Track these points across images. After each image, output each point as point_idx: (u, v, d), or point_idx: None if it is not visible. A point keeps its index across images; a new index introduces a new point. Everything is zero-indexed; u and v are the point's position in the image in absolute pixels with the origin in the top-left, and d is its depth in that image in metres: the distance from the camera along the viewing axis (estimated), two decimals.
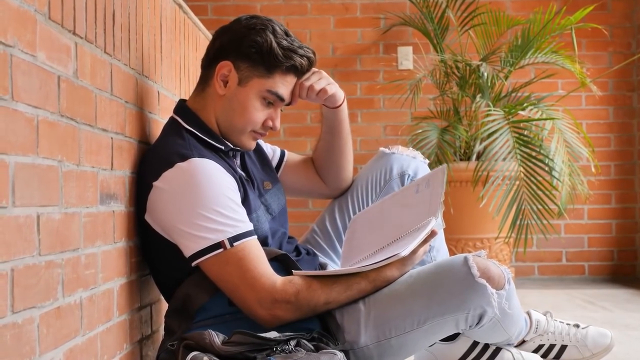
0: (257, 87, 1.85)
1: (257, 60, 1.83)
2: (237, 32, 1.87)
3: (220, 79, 1.85)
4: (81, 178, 1.43)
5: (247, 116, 1.86)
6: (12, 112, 1.14)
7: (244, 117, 1.86)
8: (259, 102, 1.86)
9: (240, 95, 1.85)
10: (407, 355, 1.83)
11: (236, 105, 1.86)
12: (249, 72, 1.84)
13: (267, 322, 1.72)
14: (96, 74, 1.52)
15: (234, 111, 1.86)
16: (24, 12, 1.18)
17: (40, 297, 1.23)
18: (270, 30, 1.84)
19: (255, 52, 1.83)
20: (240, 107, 1.86)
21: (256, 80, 1.84)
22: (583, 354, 2.13)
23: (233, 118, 1.86)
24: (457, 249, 3.96)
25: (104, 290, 1.56)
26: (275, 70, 1.85)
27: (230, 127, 1.88)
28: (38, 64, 1.23)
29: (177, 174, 1.74)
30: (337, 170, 2.15)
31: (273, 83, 1.85)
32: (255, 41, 1.83)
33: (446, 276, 1.76)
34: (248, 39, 1.84)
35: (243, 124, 1.87)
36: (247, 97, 1.85)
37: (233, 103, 1.86)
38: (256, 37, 1.83)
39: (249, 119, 1.86)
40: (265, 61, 1.83)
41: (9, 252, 1.12)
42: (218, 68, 1.85)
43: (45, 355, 1.25)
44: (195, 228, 1.71)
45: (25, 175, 1.18)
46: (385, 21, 4.69)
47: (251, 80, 1.85)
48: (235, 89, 1.85)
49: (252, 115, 1.86)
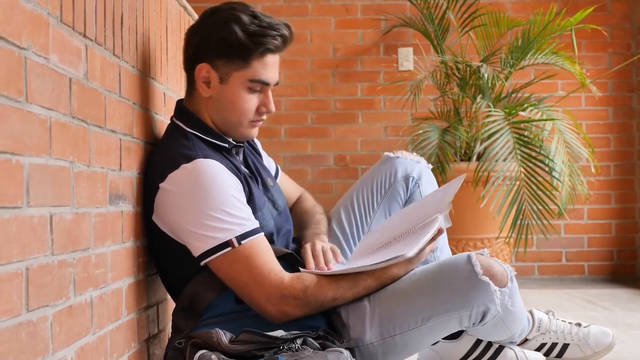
0: (239, 80, 1.85)
1: (230, 55, 1.83)
2: (203, 32, 1.86)
3: (202, 82, 1.86)
4: (91, 178, 1.45)
5: (238, 110, 1.87)
6: (26, 114, 1.15)
7: (236, 111, 1.87)
8: (246, 93, 1.86)
9: (226, 92, 1.86)
10: (411, 352, 1.85)
11: (225, 102, 1.87)
12: (226, 68, 1.84)
13: (276, 318, 1.74)
14: (105, 76, 1.54)
15: (225, 108, 1.87)
16: (38, 15, 1.20)
17: (53, 296, 1.25)
18: (234, 21, 1.82)
19: (226, 47, 1.82)
20: (230, 104, 1.86)
21: (236, 74, 1.84)
22: (585, 353, 2.15)
23: (226, 115, 1.88)
24: (458, 249, 3.98)
25: (114, 289, 1.58)
26: (251, 58, 1.83)
27: (227, 124, 1.89)
28: (51, 67, 1.25)
29: (183, 175, 1.76)
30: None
31: (253, 71, 1.84)
32: (222, 37, 1.82)
33: (450, 274, 1.78)
34: (215, 37, 1.83)
35: (238, 118, 1.88)
36: (233, 92, 1.86)
37: (222, 101, 1.87)
38: (222, 33, 1.82)
39: (241, 112, 1.87)
40: (238, 53, 1.82)
41: (23, 251, 1.14)
42: (197, 72, 1.86)
43: (58, 353, 1.27)
44: (203, 228, 1.73)
45: (39, 176, 1.20)
46: (386, 22, 4.71)
47: (231, 75, 1.85)
48: (219, 88, 1.86)
49: (243, 107, 1.87)
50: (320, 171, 4.71)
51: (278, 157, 4.69)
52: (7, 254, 1.08)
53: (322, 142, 4.73)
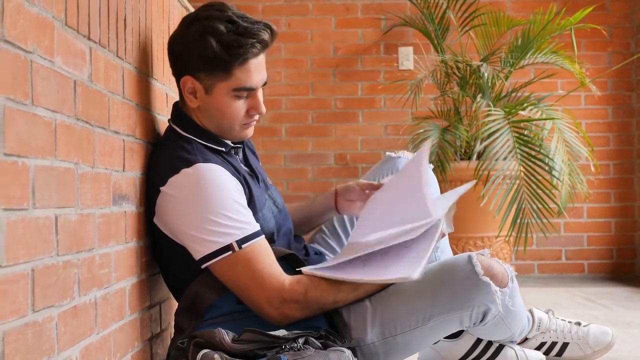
0: (224, 90, 1.83)
1: (210, 68, 1.81)
2: (183, 45, 1.84)
3: (188, 93, 1.86)
4: (95, 180, 1.46)
5: (228, 117, 1.87)
6: (32, 116, 1.17)
7: (226, 118, 1.87)
8: (233, 100, 1.85)
9: (213, 102, 1.85)
10: (412, 352, 1.86)
11: (214, 111, 1.86)
12: (209, 80, 1.83)
13: (277, 321, 1.75)
14: (109, 78, 1.55)
15: (215, 116, 1.87)
16: (43, 19, 1.22)
17: (58, 297, 1.26)
18: (210, 33, 1.78)
19: (205, 62, 1.80)
20: (218, 112, 1.86)
21: (220, 85, 1.83)
22: (584, 352, 2.17)
23: (217, 122, 1.88)
24: (458, 247, 4.00)
25: (117, 289, 1.59)
26: (232, 68, 1.81)
27: (219, 129, 1.89)
28: (56, 69, 1.26)
29: (184, 179, 1.76)
30: (301, 230, 2.22)
31: (236, 81, 1.82)
32: (200, 52, 1.79)
33: (451, 274, 1.80)
34: (194, 52, 1.81)
35: (229, 124, 1.88)
36: (220, 102, 1.85)
37: (210, 110, 1.87)
38: (199, 47, 1.79)
39: (231, 119, 1.87)
40: (218, 66, 1.80)
41: (29, 252, 1.15)
42: (182, 84, 1.86)
43: (63, 353, 1.28)
44: (204, 232, 1.74)
45: (44, 178, 1.21)
46: (386, 22, 4.72)
47: (215, 86, 1.83)
48: (205, 98, 1.85)
49: (232, 114, 1.86)
50: (320, 170, 4.73)
51: (279, 156, 4.70)
52: (14, 255, 1.10)
53: (323, 141, 4.74)
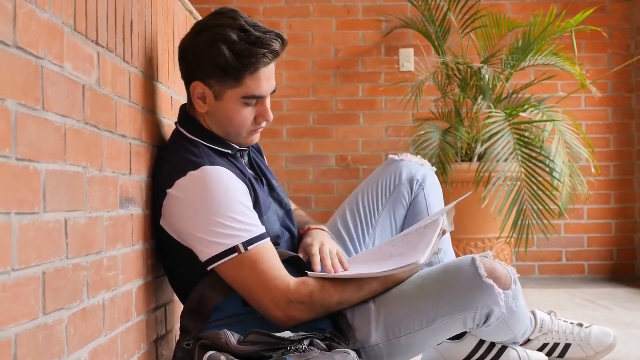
0: (234, 97, 1.85)
1: (221, 75, 1.82)
2: (194, 52, 1.85)
3: (198, 98, 1.88)
4: (103, 183, 1.47)
5: (236, 123, 1.88)
6: (43, 121, 1.18)
7: (233, 125, 1.89)
8: (242, 107, 1.87)
9: (221, 108, 1.87)
10: (416, 353, 1.88)
11: (222, 117, 1.88)
12: (220, 86, 1.84)
13: (283, 323, 1.77)
14: (117, 82, 1.57)
15: (223, 122, 1.89)
16: (53, 25, 1.23)
17: (68, 299, 1.28)
18: (222, 41, 1.80)
19: (217, 69, 1.81)
20: (227, 118, 1.88)
21: (230, 92, 1.84)
22: (587, 353, 2.18)
23: (225, 127, 1.90)
24: (460, 249, 4.01)
25: (124, 291, 1.61)
26: (243, 77, 1.82)
27: (227, 135, 1.91)
28: (65, 75, 1.28)
29: (190, 182, 1.78)
30: None
31: (246, 89, 1.84)
32: (212, 60, 1.81)
33: (454, 277, 1.81)
34: (206, 59, 1.82)
35: (236, 130, 1.90)
36: (228, 108, 1.86)
37: (218, 116, 1.88)
38: (211, 55, 1.81)
39: (239, 125, 1.89)
40: (229, 74, 1.82)
41: (40, 256, 1.16)
42: (192, 89, 1.87)
43: (73, 355, 1.29)
44: (211, 234, 1.75)
45: (55, 182, 1.23)
46: (387, 24, 4.74)
47: (225, 93, 1.85)
48: (215, 104, 1.87)
49: (240, 121, 1.88)
50: (322, 171, 4.74)
51: (280, 158, 4.72)
52: (26, 259, 1.11)
53: (324, 142, 4.75)
